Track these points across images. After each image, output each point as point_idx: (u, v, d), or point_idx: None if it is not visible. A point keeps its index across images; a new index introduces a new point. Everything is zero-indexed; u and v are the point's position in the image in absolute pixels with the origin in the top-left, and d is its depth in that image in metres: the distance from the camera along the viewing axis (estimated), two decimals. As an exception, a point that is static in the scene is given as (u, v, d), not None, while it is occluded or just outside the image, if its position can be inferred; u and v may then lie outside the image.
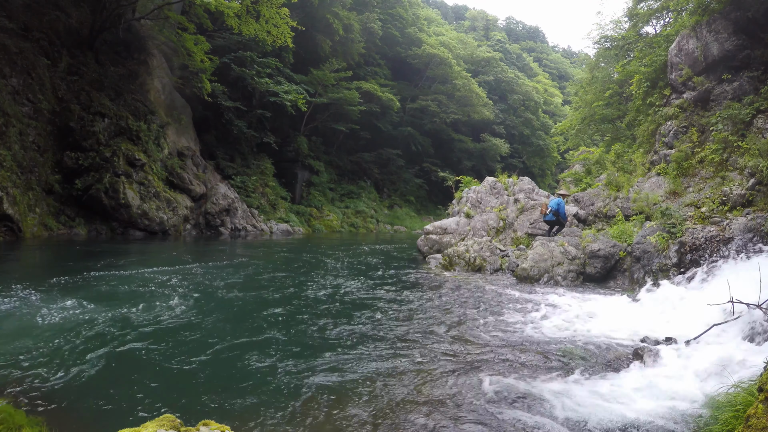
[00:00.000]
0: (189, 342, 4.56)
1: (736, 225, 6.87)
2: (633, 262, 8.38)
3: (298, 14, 26.35)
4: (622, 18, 19.60)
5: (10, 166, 13.41)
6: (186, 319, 5.37)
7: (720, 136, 9.75)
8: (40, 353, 4.03)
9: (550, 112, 58.17)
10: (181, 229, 19.09)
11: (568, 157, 35.52)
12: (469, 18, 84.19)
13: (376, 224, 33.85)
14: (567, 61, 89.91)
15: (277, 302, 6.57)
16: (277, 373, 3.86)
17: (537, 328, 5.47)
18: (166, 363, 3.98)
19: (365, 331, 5.17)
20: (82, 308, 5.53)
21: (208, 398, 3.35)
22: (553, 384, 3.72)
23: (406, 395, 3.47)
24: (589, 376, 3.91)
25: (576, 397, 3.46)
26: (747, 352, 4.08)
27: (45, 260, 10.51)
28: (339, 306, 6.50)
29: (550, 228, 10.84)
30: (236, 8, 20.05)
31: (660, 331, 5.11)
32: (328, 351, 4.45)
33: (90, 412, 3.07)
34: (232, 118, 25.83)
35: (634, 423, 3.06)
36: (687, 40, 11.18)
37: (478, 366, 4.13)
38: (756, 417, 2.24)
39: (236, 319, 5.55)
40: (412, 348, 4.63)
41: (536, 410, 3.24)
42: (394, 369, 4.02)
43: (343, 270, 10.30)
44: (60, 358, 3.93)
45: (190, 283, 7.60)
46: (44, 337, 4.47)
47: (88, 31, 18.25)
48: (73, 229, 15.51)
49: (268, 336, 4.89)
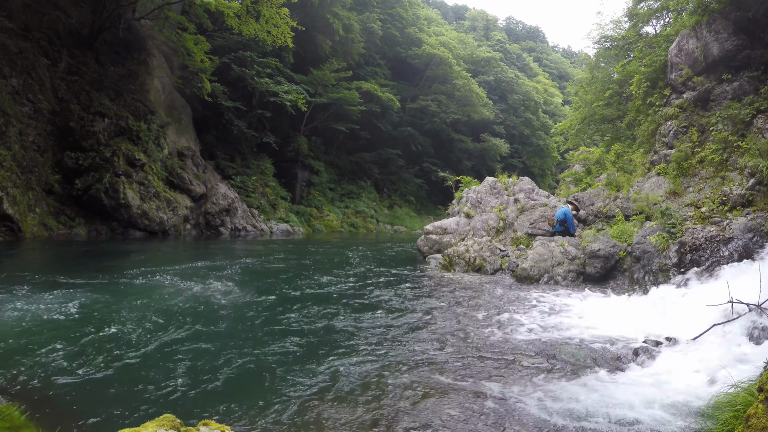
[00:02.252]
0: (189, 342, 4.55)
1: (736, 225, 6.87)
2: (633, 262, 8.37)
3: (298, 14, 26.35)
4: (622, 18, 19.60)
5: (10, 166, 13.41)
6: (185, 319, 5.37)
7: (720, 136, 9.75)
8: (40, 353, 4.03)
9: (550, 112, 58.17)
10: (181, 229, 19.09)
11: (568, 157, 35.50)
12: (469, 18, 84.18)
13: (376, 224, 33.85)
14: (567, 61, 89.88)
15: (275, 302, 6.57)
16: (277, 372, 3.86)
17: (537, 328, 5.47)
18: (166, 363, 3.98)
19: (364, 332, 5.17)
20: (81, 308, 5.53)
21: (208, 398, 3.35)
22: (552, 384, 3.72)
23: (406, 396, 3.47)
24: (589, 376, 3.90)
25: (576, 397, 3.46)
26: (747, 352, 4.08)
27: (45, 260, 10.51)
28: (339, 306, 6.49)
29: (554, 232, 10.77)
30: (236, 8, 20.06)
31: (660, 331, 5.11)
32: (328, 351, 4.45)
33: (90, 411, 3.07)
34: (232, 118, 25.83)
35: (633, 423, 3.06)
36: (687, 40, 11.18)
37: (477, 366, 4.13)
38: (756, 417, 2.24)
39: (236, 319, 5.55)
40: (413, 348, 4.63)
41: (535, 410, 3.24)
42: (393, 369, 4.02)
43: (343, 270, 10.30)
44: (59, 358, 3.92)
45: (190, 283, 7.60)
46: (43, 336, 4.46)
47: (88, 31, 18.25)
48: (73, 229, 15.51)
49: (268, 336, 4.88)
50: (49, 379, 3.51)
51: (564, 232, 10.51)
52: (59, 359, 3.91)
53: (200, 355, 4.22)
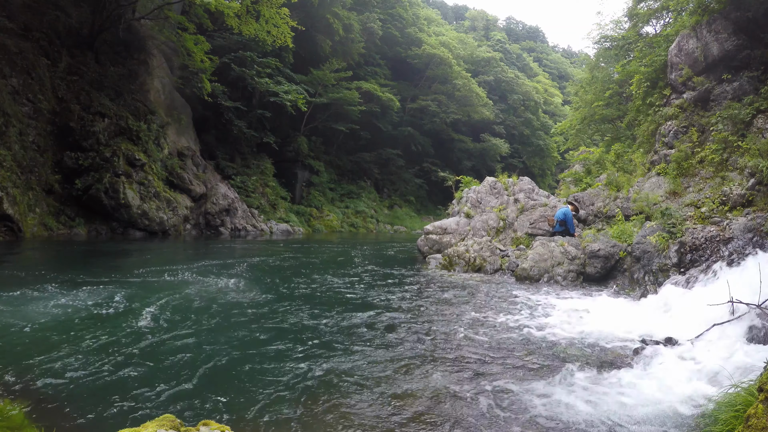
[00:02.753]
0: (189, 342, 4.55)
1: (736, 225, 6.86)
2: (633, 262, 8.37)
3: (298, 14, 26.34)
4: (622, 18, 19.59)
5: (10, 166, 13.41)
6: (185, 319, 5.37)
7: (720, 136, 9.75)
8: (39, 352, 4.02)
9: (550, 112, 58.17)
10: (181, 229, 19.09)
11: (568, 157, 35.50)
12: (469, 18, 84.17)
13: (376, 224, 33.85)
14: (567, 61, 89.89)
15: (275, 302, 6.56)
16: (277, 372, 3.86)
17: (536, 328, 5.47)
18: (166, 363, 3.98)
19: (364, 332, 5.17)
20: (81, 308, 5.53)
21: (208, 398, 3.35)
22: (552, 384, 3.71)
23: (406, 396, 3.47)
24: (589, 376, 3.90)
25: (574, 397, 3.46)
26: (747, 352, 4.08)
27: (46, 259, 10.50)
28: (338, 306, 6.50)
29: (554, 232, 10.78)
30: (236, 8, 20.05)
31: (660, 331, 5.11)
32: (328, 351, 4.45)
33: (90, 411, 3.07)
34: (232, 118, 25.82)
35: (633, 423, 3.06)
36: (687, 40, 11.17)
37: (477, 366, 4.13)
38: (756, 417, 2.24)
39: (236, 319, 5.54)
40: (413, 349, 4.63)
41: (535, 411, 3.24)
42: (394, 369, 4.02)
43: (343, 269, 10.30)
44: (59, 358, 3.92)
45: (190, 283, 7.60)
46: (43, 336, 4.47)
47: (88, 31, 18.25)
48: (73, 229, 15.51)
49: (268, 336, 4.88)
50: (49, 379, 3.51)
51: (564, 232, 10.52)
52: (58, 358, 3.90)
53: (200, 355, 4.22)
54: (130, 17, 19.66)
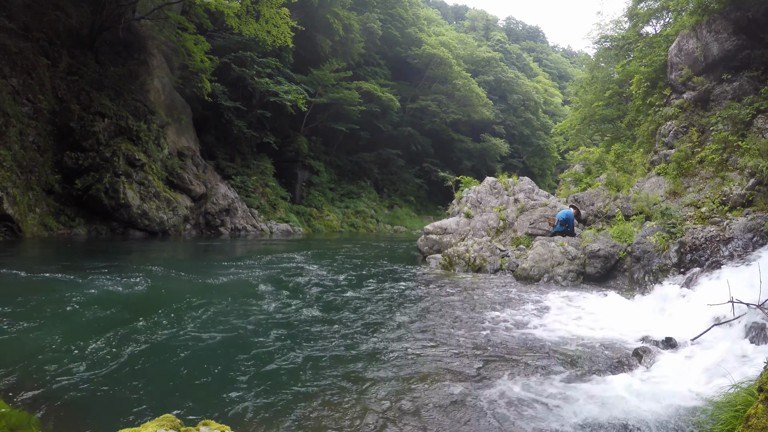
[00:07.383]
0: (189, 342, 4.55)
1: (736, 225, 6.87)
2: (633, 262, 8.37)
3: (298, 14, 26.34)
4: (622, 18, 19.62)
5: (10, 166, 13.40)
6: (186, 318, 5.37)
7: (720, 136, 9.75)
8: (39, 352, 4.02)
9: (550, 112, 58.16)
10: (181, 229, 19.09)
11: (568, 157, 35.52)
12: (469, 18, 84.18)
13: (376, 224, 33.85)
14: (567, 61, 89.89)
15: (275, 302, 6.56)
16: (278, 373, 3.86)
17: (536, 328, 5.47)
18: (166, 363, 3.98)
19: (364, 332, 5.17)
20: (80, 308, 5.53)
21: (208, 398, 3.35)
22: (552, 385, 3.71)
23: (406, 397, 3.47)
24: (589, 377, 3.90)
25: (575, 397, 3.46)
26: (747, 352, 4.08)
27: (46, 259, 10.50)
28: (338, 306, 6.49)
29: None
30: (236, 8, 20.05)
31: (660, 332, 5.10)
32: (328, 351, 4.45)
33: (90, 411, 3.07)
34: (232, 118, 25.82)
35: (633, 423, 3.06)
36: (687, 40, 11.17)
37: (477, 367, 4.13)
38: (756, 417, 2.24)
39: (236, 319, 5.54)
40: (413, 349, 4.63)
41: (535, 411, 3.24)
42: (393, 370, 4.02)
43: (343, 269, 10.30)
44: (59, 358, 3.92)
45: (189, 282, 7.60)
46: (42, 336, 4.46)
47: (88, 31, 18.24)
48: (73, 229, 15.51)
49: (269, 336, 4.88)
50: (48, 379, 3.50)
51: (565, 232, 10.54)
52: (58, 358, 3.90)
53: (201, 355, 4.22)
54: (130, 17, 19.66)
